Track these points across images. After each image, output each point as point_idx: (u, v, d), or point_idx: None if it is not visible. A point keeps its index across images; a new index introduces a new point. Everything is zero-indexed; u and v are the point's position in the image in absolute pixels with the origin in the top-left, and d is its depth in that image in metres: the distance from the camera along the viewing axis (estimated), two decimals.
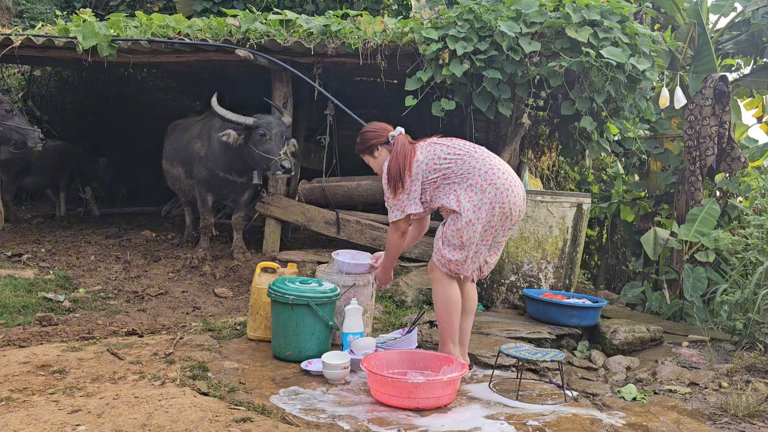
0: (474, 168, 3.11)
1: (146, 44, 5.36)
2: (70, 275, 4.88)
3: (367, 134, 3.40)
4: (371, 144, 3.37)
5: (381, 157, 3.35)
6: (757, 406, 2.92)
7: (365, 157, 3.45)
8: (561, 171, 8.30)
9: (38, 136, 5.81)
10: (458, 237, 3.08)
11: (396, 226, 3.26)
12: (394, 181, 3.18)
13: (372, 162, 3.43)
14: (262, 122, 5.05)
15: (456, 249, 3.11)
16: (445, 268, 3.17)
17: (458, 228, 3.08)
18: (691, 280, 5.10)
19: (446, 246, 3.13)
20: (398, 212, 3.20)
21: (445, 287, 3.19)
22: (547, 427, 2.65)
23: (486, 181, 3.07)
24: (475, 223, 3.06)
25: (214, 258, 5.62)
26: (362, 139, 3.41)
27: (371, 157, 3.41)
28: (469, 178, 3.10)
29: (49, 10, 8.63)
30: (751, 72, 6.89)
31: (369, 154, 3.41)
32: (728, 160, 5.73)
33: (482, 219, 3.06)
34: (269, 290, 3.40)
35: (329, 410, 2.72)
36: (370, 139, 3.38)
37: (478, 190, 3.07)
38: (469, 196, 3.08)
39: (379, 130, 3.38)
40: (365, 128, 3.45)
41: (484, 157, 3.16)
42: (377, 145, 3.35)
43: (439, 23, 5.00)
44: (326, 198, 5.83)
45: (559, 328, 4.05)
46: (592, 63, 4.69)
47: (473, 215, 3.05)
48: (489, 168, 3.11)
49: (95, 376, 2.93)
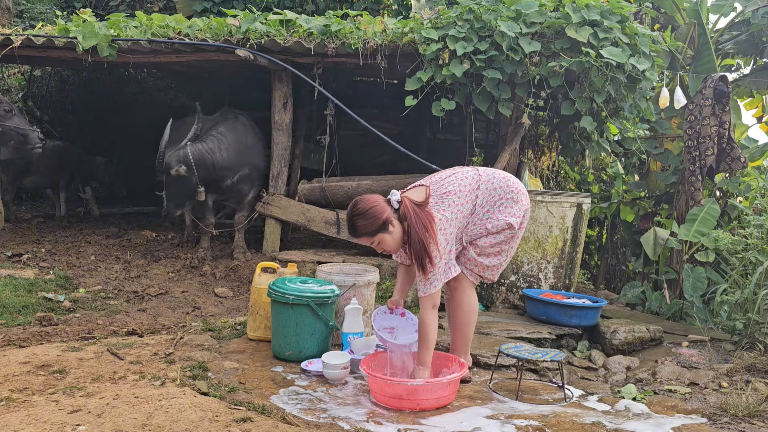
0: (495, 189, 3.03)
1: (146, 44, 5.36)
2: (70, 275, 4.88)
3: (371, 211, 2.79)
4: (385, 220, 2.79)
5: (396, 231, 2.84)
6: (757, 406, 2.92)
7: (379, 237, 2.83)
8: (561, 171, 8.30)
9: (38, 136, 5.81)
10: (497, 247, 3.05)
11: (431, 299, 2.82)
12: (422, 257, 2.76)
13: (387, 240, 2.84)
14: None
15: (493, 256, 3.07)
16: (474, 276, 3.12)
17: (499, 241, 3.03)
18: (691, 280, 5.10)
19: (481, 256, 3.06)
20: (433, 286, 2.82)
21: (470, 296, 3.14)
22: (547, 427, 2.65)
23: (514, 192, 3.04)
24: (518, 232, 3.05)
25: (214, 258, 5.62)
26: (367, 220, 2.79)
27: (387, 235, 2.82)
28: (497, 199, 3.03)
29: (49, 10, 8.63)
30: (751, 72, 6.89)
31: (384, 232, 2.81)
32: (728, 160, 5.73)
33: (523, 225, 3.07)
34: (269, 290, 3.40)
35: (329, 410, 2.72)
36: (379, 215, 2.78)
37: (512, 202, 3.03)
38: (510, 212, 3.02)
39: (378, 201, 2.83)
40: (360, 207, 2.81)
41: (488, 173, 3.10)
42: (390, 219, 2.81)
43: (439, 23, 5.00)
44: (326, 198, 5.83)
45: (559, 328, 4.05)
46: (592, 63, 4.69)
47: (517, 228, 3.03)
48: (504, 181, 3.07)
49: (95, 376, 2.93)
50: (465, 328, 3.16)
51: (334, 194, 5.83)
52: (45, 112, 8.56)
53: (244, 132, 5.71)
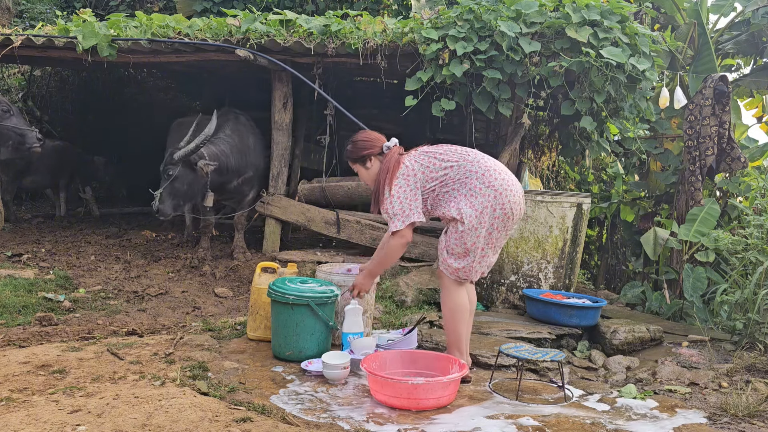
0: (471, 172, 3.08)
1: (146, 44, 5.35)
2: (70, 275, 4.88)
3: (360, 143, 3.26)
4: (364, 154, 3.24)
5: (373, 169, 3.24)
6: (757, 406, 2.92)
7: (355, 167, 3.31)
8: (561, 171, 8.30)
9: (36, 136, 5.80)
10: (462, 244, 3.06)
11: (401, 234, 3.10)
12: (374, 194, 3.14)
13: (363, 173, 3.29)
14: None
15: (461, 257, 3.09)
16: (453, 276, 3.15)
17: (460, 235, 3.05)
18: (691, 280, 5.10)
19: (451, 255, 3.11)
20: (400, 222, 3.07)
21: (452, 294, 3.17)
22: (547, 427, 2.65)
23: (484, 184, 3.05)
24: (478, 227, 3.04)
25: (214, 258, 5.62)
26: (354, 148, 3.27)
27: (362, 168, 3.27)
28: (467, 183, 3.07)
29: (49, 10, 8.63)
30: (751, 72, 6.89)
31: (361, 164, 3.27)
32: (728, 160, 5.73)
33: (485, 223, 3.04)
34: (269, 290, 3.40)
35: (329, 410, 2.72)
36: (362, 149, 3.24)
37: (478, 194, 3.04)
38: (470, 202, 3.04)
39: (374, 140, 3.26)
40: (358, 136, 3.31)
41: (478, 159, 3.12)
42: (370, 156, 3.23)
43: (439, 23, 5.00)
44: (326, 198, 5.83)
45: (559, 328, 4.05)
46: (592, 63, 4.69)
47: (476, 220, 3.03)
48: (485, 170, 3.08)
49: (95, 376, 2.93)
50: (450, 325, 3.19)
51: (334, 194, 5.83)
52: (45, 112, 8.56)
53: (246, 133, 5.71)
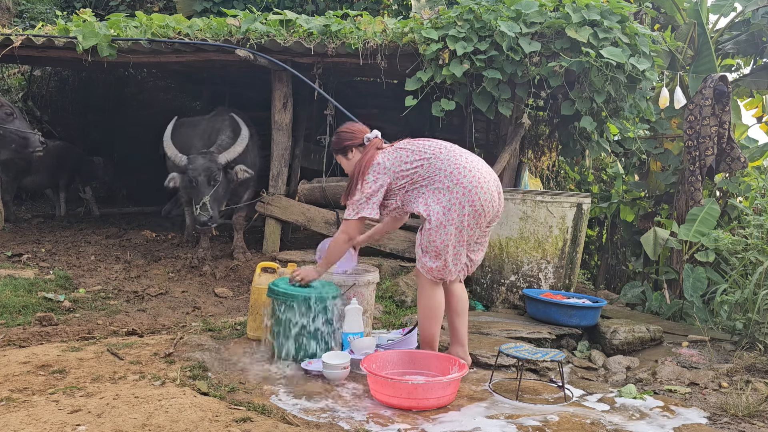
0: (439, 169, 3.08)
1: (146, 44, 5.36)
2: (70, 275, 4.88)
3: (343, 134, 3.35)
4: (345, 145, 3.32)
5: (353, 159, 3.31)
6: (757, 406, 2.92)
7: (338, 158, 3.39)
8: (561, 171, 8.30)
9: (38, 139, 5.81)
10: (431, 242, 3.06)
11: (347, 225, 3.19)
12: (348, 186, 3.21)
13: (344, 163, 3.37)
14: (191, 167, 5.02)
15: (435, 257, 3.09)
16: (429, 276, 3.15)
17: (428, 233, 3.06)
18: (691, 280, 5.10)
19: (425, 254, 3.12)
20: (353, 212, 3.15)
21: (428, 294, 3.19)
22: (547, 427, 2.65)
23: (452, 182, 3.04)
24: (446, 225, 3.03)
25: (214, 258, 5.62)
26: (337, 139, 3.36)
27: (344, 158, 3.35)
28: (435, 180, 3.07)
29: (49, 10, 8.63)
30: (751, 72, 6.89)
31: (342, 155, 3.35)
32: (728, 160, 5.73)
33: (453, 220, 3.03)
34: (269, 290, 3.39)
35: (329, 410, 2.72)
36: (344, 140, 3.32)
37: (445, 191, 3.04)
38: (438, 199, 3.05)
39: (356, 132, 3.33)
40: (342, 128, 3.39)
41: (449, 157, 3.11)
42: (351, 147, 3.31)
43: (439, 23, 5.00)
44: (326, 198, 5.83)
45: (559, 328, 4.05)
46: (592, 63, 4.69)
47: (443, 217, 3.03)
48: (455, 167, 3.07)
49: (95, 376, 2.93)
50: (424, 324, 3.22)
51: (334, 194, 5.83)
52: (45, 112, 8.57)
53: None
